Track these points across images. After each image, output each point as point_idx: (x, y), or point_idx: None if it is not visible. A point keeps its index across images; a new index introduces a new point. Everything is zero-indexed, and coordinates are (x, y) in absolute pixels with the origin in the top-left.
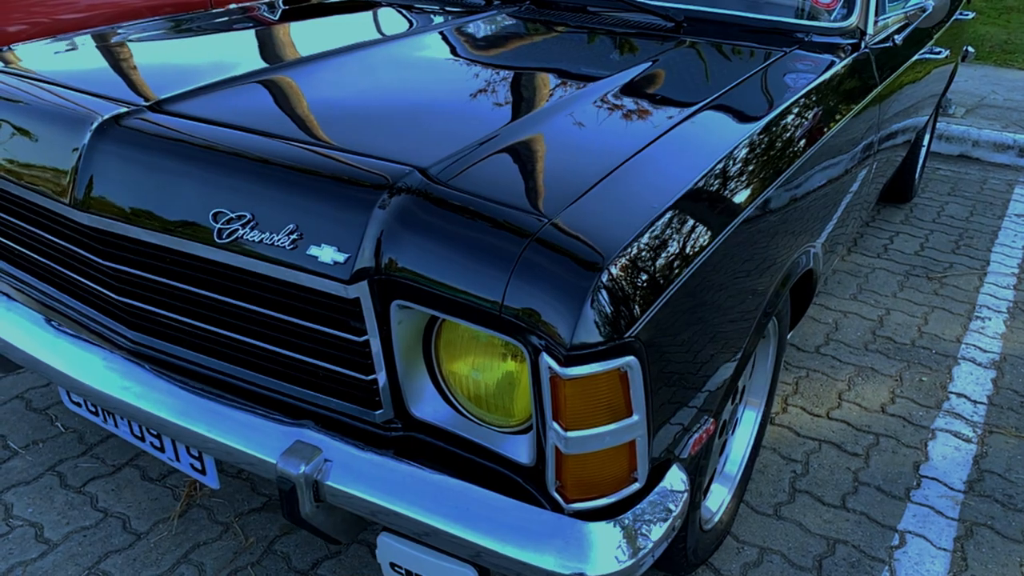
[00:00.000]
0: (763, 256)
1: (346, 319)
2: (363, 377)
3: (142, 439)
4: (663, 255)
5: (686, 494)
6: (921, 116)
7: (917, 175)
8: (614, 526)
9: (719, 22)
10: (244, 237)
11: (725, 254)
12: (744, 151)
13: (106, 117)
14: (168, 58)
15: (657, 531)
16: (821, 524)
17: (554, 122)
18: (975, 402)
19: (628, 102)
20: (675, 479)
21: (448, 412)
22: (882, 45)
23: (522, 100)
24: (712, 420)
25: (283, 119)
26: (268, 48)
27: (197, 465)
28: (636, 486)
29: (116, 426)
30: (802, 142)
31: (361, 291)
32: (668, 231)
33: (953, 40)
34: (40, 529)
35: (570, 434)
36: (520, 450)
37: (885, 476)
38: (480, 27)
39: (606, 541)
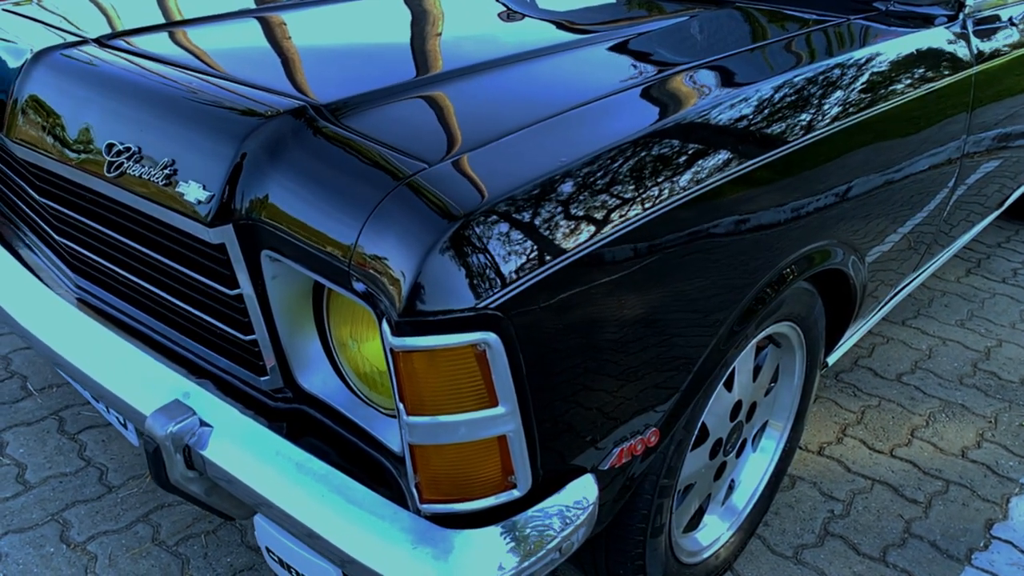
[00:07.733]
0: (740, 242)
1: (217, 267)
2: (242, 336)
3: (84, 387)
4: (565, 216)
5: (591, 509)
6: None
7: None
8: (488, 536)
9: None
10: (128, 171)
11: (669, 227)
12: (718, 116)
13: (45, 46)
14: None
15: (533, 550)
16: None
17: (503, 72)
18: None
19: (599, 60)
20: (581, 491)
21: (338, 386)
22: (989, 25)
23: (476, 50)
24: (655, 430)
25: (207, 56)
26: None
27: (121, 419)
28: (515, 493)
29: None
30: (814, 119)
31: (226, 236)
32: (579, 189)
33: None
34: (23, 470)
35: (412, 419)
36: (392, 436)
37: (945, 531)
38: None
39: (463, 552)
